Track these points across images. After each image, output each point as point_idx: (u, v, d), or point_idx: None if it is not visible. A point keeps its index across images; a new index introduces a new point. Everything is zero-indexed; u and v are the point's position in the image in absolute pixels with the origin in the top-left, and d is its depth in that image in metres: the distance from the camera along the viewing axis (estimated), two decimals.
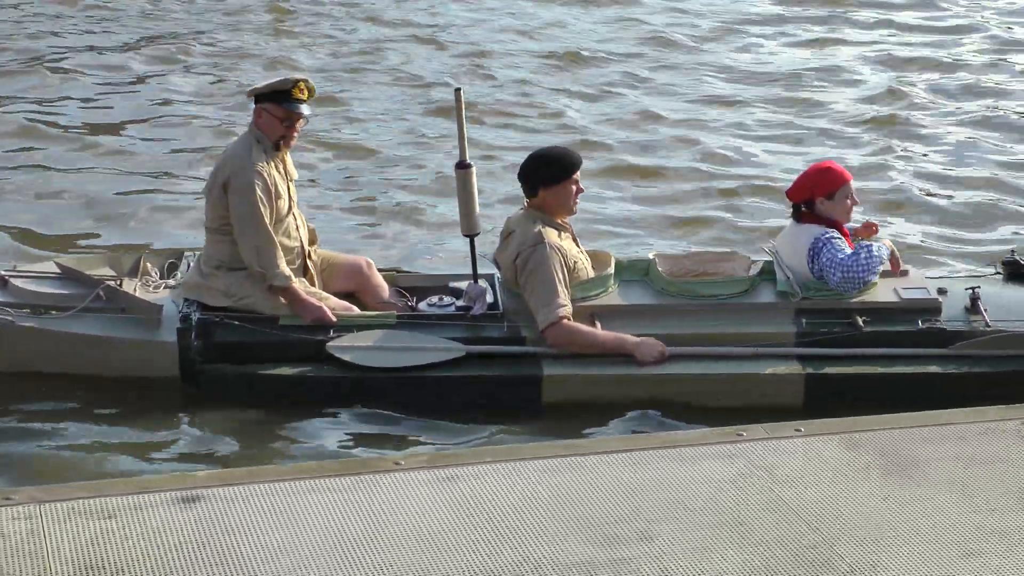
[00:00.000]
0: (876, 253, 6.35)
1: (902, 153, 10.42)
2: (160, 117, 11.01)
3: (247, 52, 12.88)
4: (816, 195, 6.38)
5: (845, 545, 4.31)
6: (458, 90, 6.50)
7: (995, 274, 6.87)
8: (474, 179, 6.44)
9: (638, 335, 6.16)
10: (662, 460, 4.88)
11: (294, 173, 6.51)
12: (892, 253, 6.53)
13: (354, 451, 5.87)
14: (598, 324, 6.22)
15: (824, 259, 6.29)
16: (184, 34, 13.44)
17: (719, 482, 4.70)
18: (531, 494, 4.59)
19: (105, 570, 4.07)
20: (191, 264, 6.60)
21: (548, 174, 6.28)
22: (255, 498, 4.54)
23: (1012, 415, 5.28)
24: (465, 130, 6.43)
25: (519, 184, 6.43)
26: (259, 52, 12.89)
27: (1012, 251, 7.01)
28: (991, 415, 5.29)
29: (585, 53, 13.02)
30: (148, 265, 6.71)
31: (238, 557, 4.16)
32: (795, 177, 6.66)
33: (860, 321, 6.21)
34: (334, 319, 6.20)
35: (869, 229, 6.71)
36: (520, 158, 6.66)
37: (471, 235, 6.49)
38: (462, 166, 6.41)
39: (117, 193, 9.31)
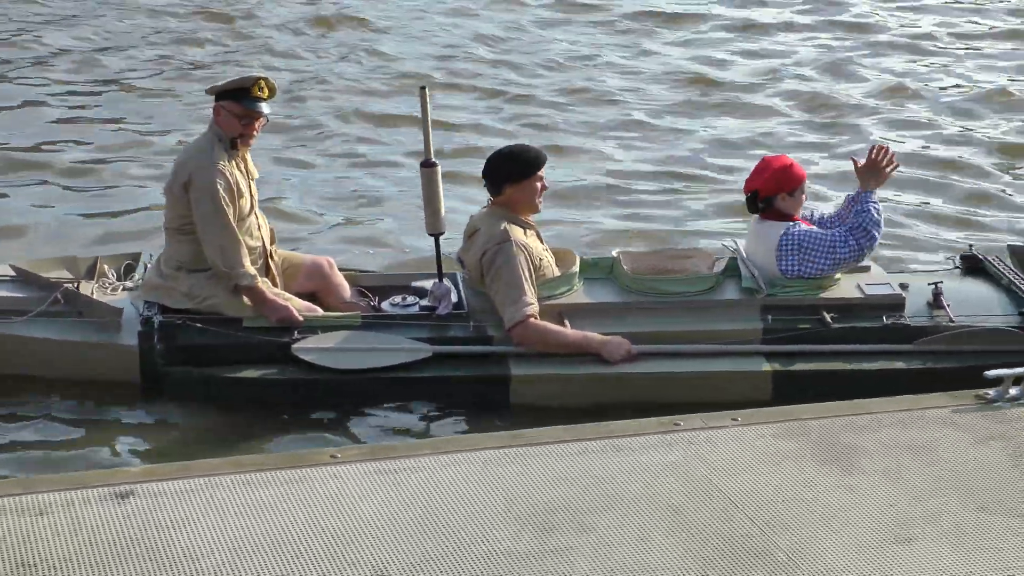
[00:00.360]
0: (879, 205, 6.35)
1: (846, 147, 10.51)
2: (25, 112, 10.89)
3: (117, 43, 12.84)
4: (779, 191, 6.39)
5: (780, 533, 4.33)
6: (423, 88, 6.43)
7: (954, 268, 6.91)
8: (439, 178, 6.39)
9: (605, 334, 6.14)
10: (599, 450, 4.89)
11: (255, 172, 6.43)
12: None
13: (297, 445, 5.82)
14: (567, 323, 6.19)
15: (818, 241, 6.26)
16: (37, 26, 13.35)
17: (656, 472, 4.72)
18: (468, 486, 4.59)
19: (37, 568, 4.02)
20: (148, 265, 6.51)
21: (513, 171, 6.23)
22: (188, 493, 4.50)
23: (941, 402, 5.34)
24: (430, 129, 6.38)
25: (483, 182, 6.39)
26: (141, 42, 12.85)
27: (971, 246, 7.06)
28: (920, 403, 5.34)
29: (528, 52, 13.06)
30: (105, 267, 6.60)
31: (171, 552, 4.12)
32: (748, 172, 6.61)
33: (828, 317, 6.23)
34: (300, 319, 6.13)
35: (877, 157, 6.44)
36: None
37: (436, 234, 6.42)
38: (427, 164, 6.35)
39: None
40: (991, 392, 5.35)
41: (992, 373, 5.35)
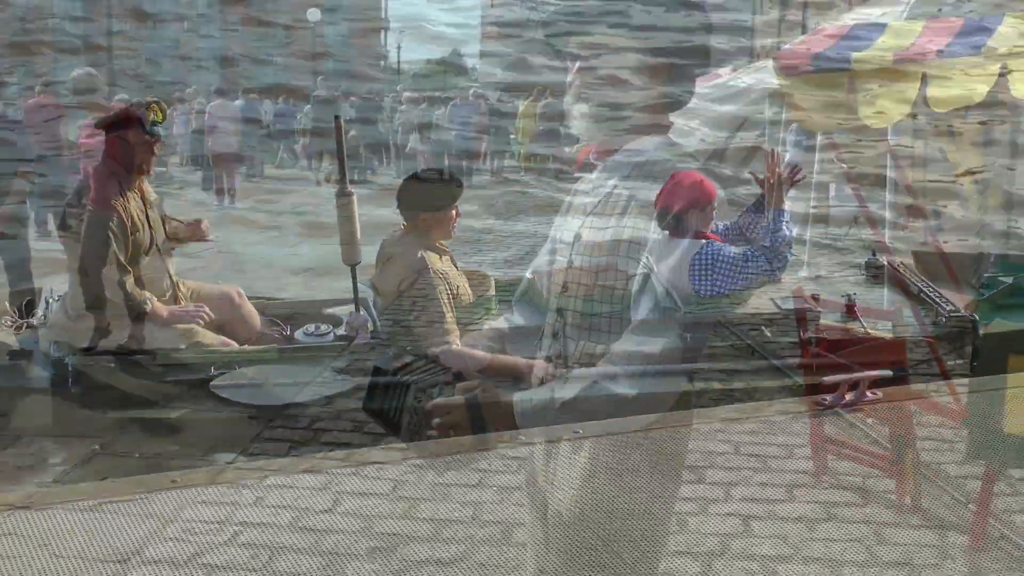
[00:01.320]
0: (792, 225, 6.39)
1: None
2: None
3: None
4: (692, 207, 6.38)
5: (622, 546, 4.35)
6: (337, 118, 6.38)
7: (860, 274, 7.00)
8: (355, 207, 6.33)
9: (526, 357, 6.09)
10: (442, 468, 4.87)
11: (152, 197, 6.30)
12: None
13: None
14: (507, 347, 6.13)
15: (731, 262, 6.28)
16: None
17: (496, 488, 4.72)
18: (310, 509, 4.54)
19: None
20: (50, 302, 6.36)
21: (430, 202, 6.18)
22: (24, 524, 4.38)
23: (782, 409, 5.41)
24: (345, 158, 6.31)
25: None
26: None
27: (873, 252, 7.15)
28: (762, 411, 5.38)
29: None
30: (6, 304, 6.42)
31: None
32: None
33: (767, 332, 6.25)
34: (210, 313, 6.03)
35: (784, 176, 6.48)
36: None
37: (352, 264, 6.36)
38: (343, 194, 6.29)
39: None
40: (828, 398, 5.43)
41: (830, 379, 5.45)
